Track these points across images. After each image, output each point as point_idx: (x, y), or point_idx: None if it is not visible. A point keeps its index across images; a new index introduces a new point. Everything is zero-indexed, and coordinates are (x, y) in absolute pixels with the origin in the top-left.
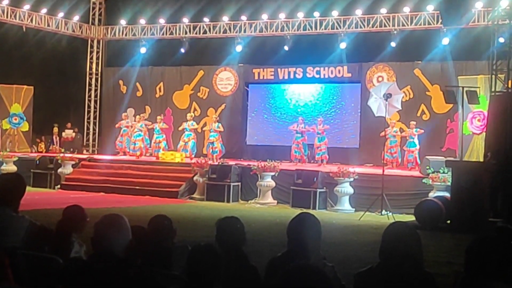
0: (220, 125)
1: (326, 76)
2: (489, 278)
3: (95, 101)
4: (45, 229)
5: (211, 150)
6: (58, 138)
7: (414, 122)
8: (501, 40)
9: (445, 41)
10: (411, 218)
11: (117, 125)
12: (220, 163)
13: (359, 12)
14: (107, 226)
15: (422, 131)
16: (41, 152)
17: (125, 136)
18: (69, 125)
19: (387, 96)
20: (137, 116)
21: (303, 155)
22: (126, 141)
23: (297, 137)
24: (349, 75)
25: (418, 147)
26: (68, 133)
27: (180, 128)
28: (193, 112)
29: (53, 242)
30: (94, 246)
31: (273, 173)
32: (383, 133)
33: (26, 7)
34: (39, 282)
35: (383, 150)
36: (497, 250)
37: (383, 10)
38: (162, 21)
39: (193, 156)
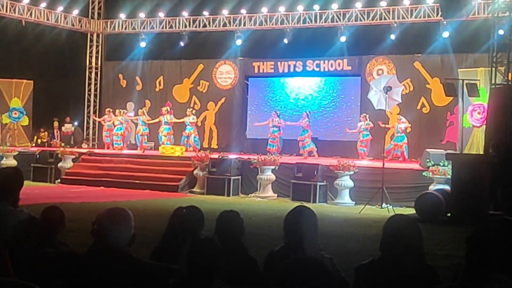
0: (195, 117)
1: (326, 70)
2: (490, 269)
3: (95, 95)
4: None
5: (186, 144)
6: (58, 132)
7: (400, 117)
8: (501, 32)
9: (445, 34)
10: (412, 211)
11: (99, 120)
12: (220, 157)
13: (358, 5)
14: (109, 219)
15: (407, 124)
16: (43, 144)
17: (109, 130)
18: (68, 119)
19: (387, 89)
20: (117, 111)
21: (279, 148)
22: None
23: (273, 131)
24: (349, 68)
25: (405, 140)
26: (68, 127)
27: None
28: (193, 105)
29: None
30: (96, 238)
31: (273, 167)
32: (348, 130)
33: (26, 1)
34: (39, 275)
35: (357, 143)
36: (498, 241)
37: (383, 3)
38: (161, 14)
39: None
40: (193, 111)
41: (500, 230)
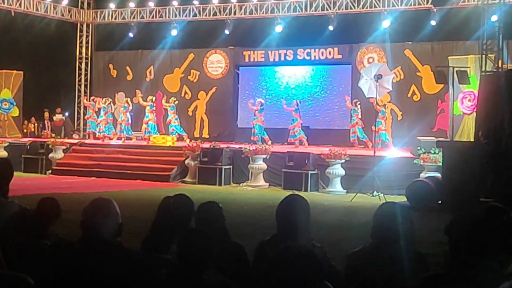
0: (172, 105)
1: (317, 58)
2: (475, 256)
3: (85, 86)
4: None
5: (171, 132)
6: (49, 123)
7: (383, 103)
8: (494, 18)
9: (434, 22)
10: (403, 198)
11: (85, 104)
12: (212, 146)
13: None
14: (95, 211)
15: (382, 108)
16: (33, 134)
17: (89, 119)
18: (58, 110)
19: (378, 77)
20: (104, 99)
21: (255, 136)
22: (92, 124)
23: (253, 119)
24: (340, 56)
25: (380, 126)
26: (58, 117)
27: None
28: (184, 95)
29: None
30: (83, 230)
31: (264, 156)
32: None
33: None
34: (30, 266)
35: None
36: (477, 228)
37: None
38: (151, 4)
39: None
40: (176, 101)
41: (479, 217)
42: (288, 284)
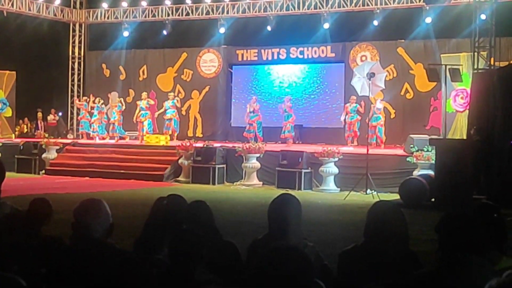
0: (176, 100)
1: (310, 57)
2: (465, 253)
3: (78, 85)
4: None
5: (166, 127)
6: (42, 123)
7: (378, 99)
8: (483, 17)
9: (428, 20)
10: (396, 196)
11: (78, 104)
12: (205, 146)
13: None
14: (85, 211)
15: (383, 105)
16: (26, 135)
17: (82, 119)
18: (53, 111)
19: (371, 75)
20: (97, 98)
21: (257, 134)
22: (85, 124)
23: (251, 117)
24: (333, 55)
25: (379, 121)
26: (52, 118)
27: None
28: (177, 94)
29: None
30: (73, 230)
31: (258, 155)
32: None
33: None
34: (22, 267)
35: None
36: (467, 226)
37: None
38: (144, 3)
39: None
40: (175, 96)
41: (469, 214)
42: (277, 283)
